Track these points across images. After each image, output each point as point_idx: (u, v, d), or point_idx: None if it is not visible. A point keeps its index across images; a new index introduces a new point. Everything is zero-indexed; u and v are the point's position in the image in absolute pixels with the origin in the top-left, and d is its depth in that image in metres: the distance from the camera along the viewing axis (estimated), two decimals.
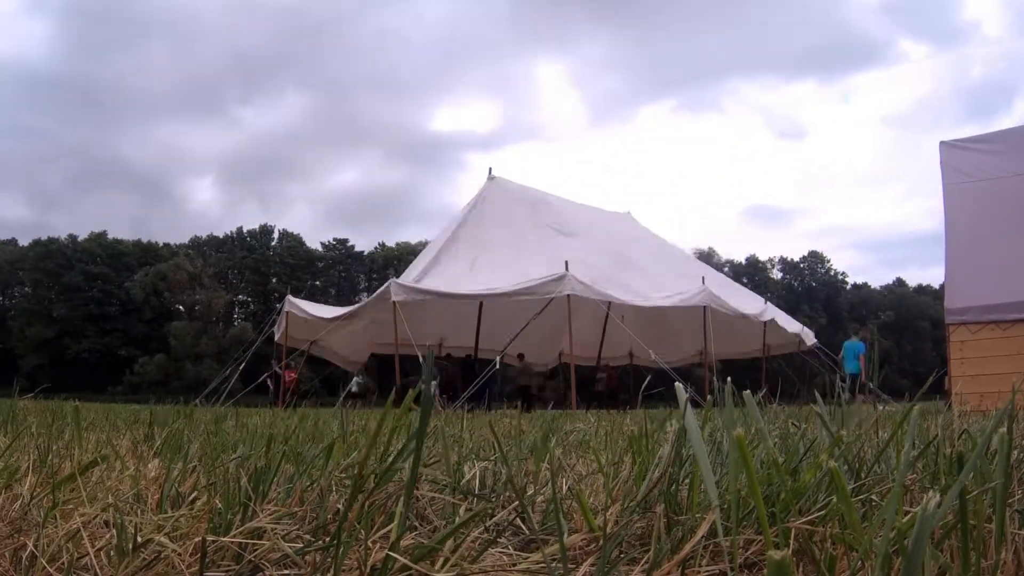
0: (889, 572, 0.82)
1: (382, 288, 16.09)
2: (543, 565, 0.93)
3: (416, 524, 1.18)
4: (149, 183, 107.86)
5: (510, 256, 17.27)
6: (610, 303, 17.03)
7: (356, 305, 19.20)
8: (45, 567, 0.97)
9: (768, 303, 20.15)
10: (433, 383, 0.95)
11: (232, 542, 0.98)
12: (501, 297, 16.14)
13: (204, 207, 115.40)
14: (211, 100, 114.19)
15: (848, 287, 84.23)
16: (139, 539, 0.98)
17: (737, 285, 24.56)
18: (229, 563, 0.97)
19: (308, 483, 1.25)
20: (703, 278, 17.00)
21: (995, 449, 0.87)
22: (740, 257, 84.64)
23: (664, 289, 17.19)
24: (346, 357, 20.41)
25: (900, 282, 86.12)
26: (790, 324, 19.74)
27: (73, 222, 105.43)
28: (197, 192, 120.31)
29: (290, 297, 18.33)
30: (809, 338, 20.58)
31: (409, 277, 17.95)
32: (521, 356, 19.71)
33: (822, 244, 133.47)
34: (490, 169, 20.88)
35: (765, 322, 18.71)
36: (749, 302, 19.82)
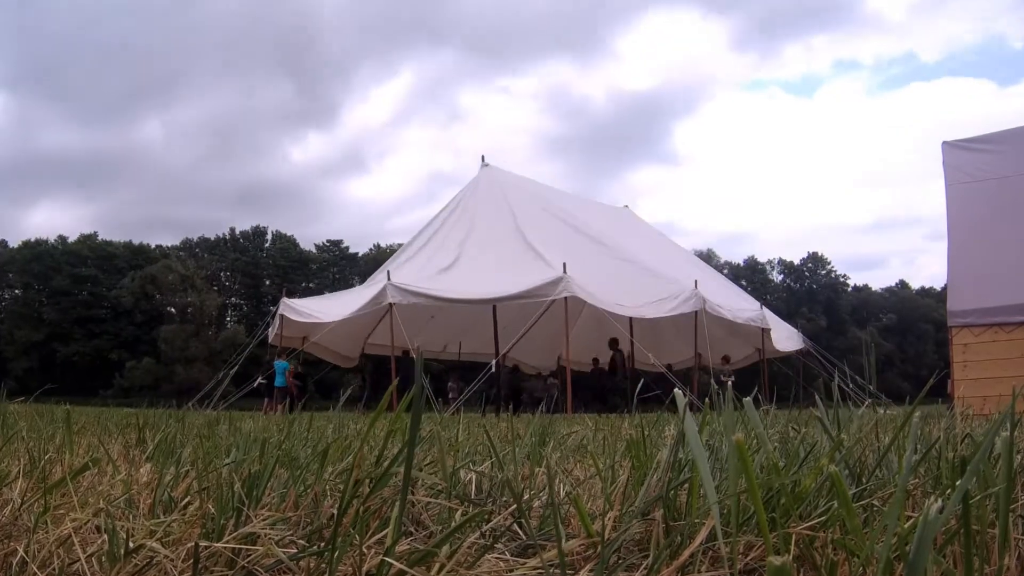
0: None
1: (379, 290, 16.01)
2: (541, 571, 0.92)
3: (412, 529, 1.17)
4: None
5: (502, 250, 17.07)
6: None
7: (351, 295, 19.03)
8: (36, 573, 0.96)
9: (764, 308, 20.05)
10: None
11: (225, 548, 0.97)
12: (497, 301, 16.04)
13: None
14: None
15: (849, 289, 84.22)
16: (131, 545, 0.97)
17: (735, 287, 24.43)
18: (222, 569, 0.96)
19: (302, 488, 1.24)
20: (696, 282, 16.90)
21: (998, 453, 0.87)
22: (739, 259, 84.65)
23: (660, 291, 17.03)
24: (340, 353, 20.27)
25: (902, 284, 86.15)
26: (782, 341, 19.61)
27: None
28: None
29: (285, 299, 18.25)
30: (801, 341, 20.54)
31: (394, 265, 17.82)
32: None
33: None
34: (483, 157, 20.62)
35: (763, 328, 18.63)
36: (745, 306, 19.73)
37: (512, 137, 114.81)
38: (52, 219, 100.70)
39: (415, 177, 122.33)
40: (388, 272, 16.54)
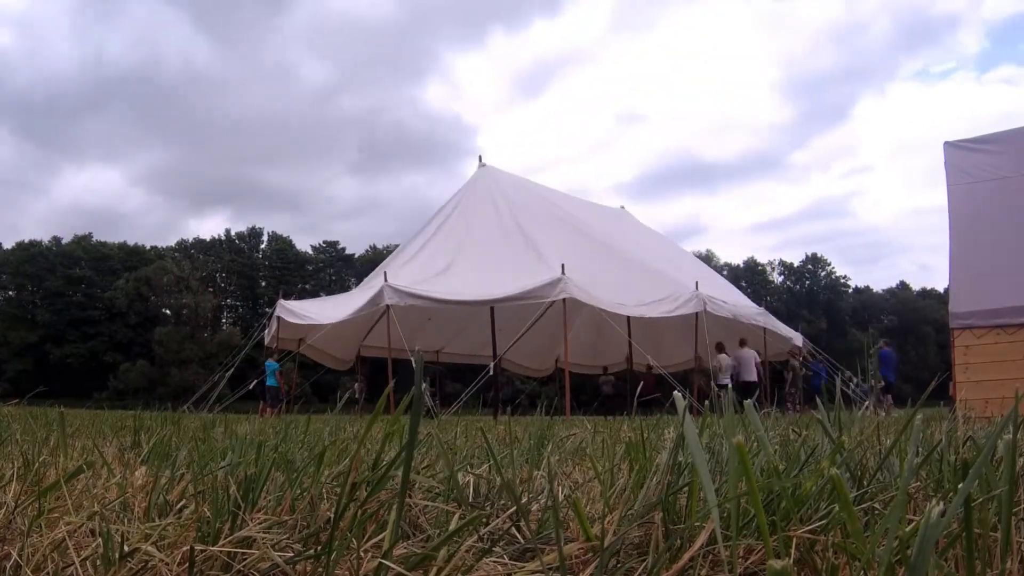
0: None
1: (376, 292, 15.96)
2: (540, 575, 0.91)
3: (409, 533, 1.16)
4: None
5: (500, 251, 16.95)
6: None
7: (347, 298, 18.98)
8: None
9: (764, 310, 20.00)
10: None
11: (221, 551, 0.96)
12: (495, 303, 15.96)
13: None
14: None
15: (850, 291, 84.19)
16: (126, 548, 0.96)
17: (735, 289, 24.39)
18: (218, 573, 0.95)
19: (299, 491, 1.23)
20: (696, 283, 16.82)
21: (1000, 456, 0.87)
22: (738, 260, 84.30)
23: (660, 293, 16.93)
24: (335, 356, 20.22)
25: (903, 285, 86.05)
26: (783, 340, 19.56)
27: None
28: None
29: (282, 301, 18.21)
30: (799, 342, 20.52)
31: (390, 266, 17.74)
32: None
33: None
34: (480, 157, 20.50)
35: (764, 328, 18.58)
36: (746, 306, 19.68)
37: (744, 75, 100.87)
38: (105, 172, 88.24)
39: (597, 118, 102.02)
40: (385, 273, 16.48)
